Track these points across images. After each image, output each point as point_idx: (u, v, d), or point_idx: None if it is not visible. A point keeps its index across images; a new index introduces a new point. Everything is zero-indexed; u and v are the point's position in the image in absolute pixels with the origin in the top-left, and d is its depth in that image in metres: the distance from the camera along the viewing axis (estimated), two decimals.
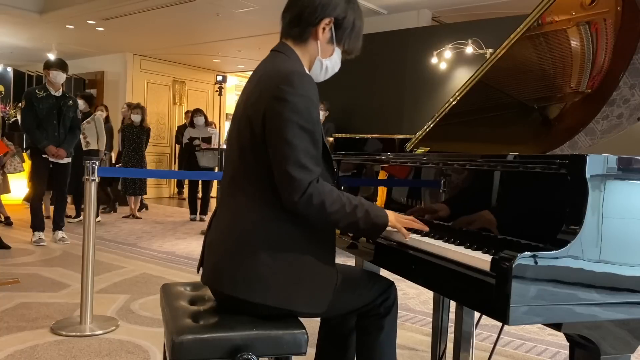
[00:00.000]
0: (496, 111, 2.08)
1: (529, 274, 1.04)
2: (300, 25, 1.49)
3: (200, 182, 7.55)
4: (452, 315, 1.87)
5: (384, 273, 1.75)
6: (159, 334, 2.73)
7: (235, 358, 1.32)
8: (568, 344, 1.23)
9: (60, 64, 5.16)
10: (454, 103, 1.97)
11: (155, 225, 6.81)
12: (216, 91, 6.65)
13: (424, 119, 2.61)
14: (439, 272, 1.30)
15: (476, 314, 1.79)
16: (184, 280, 2.56)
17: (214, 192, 7.21)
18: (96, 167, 2.78)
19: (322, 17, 1.48)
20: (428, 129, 2.09)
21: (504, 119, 2.11)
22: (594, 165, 1.10)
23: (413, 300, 3.60)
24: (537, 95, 2.03)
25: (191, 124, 7.65)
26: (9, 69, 10.93)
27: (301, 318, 1.47)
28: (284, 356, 1.40)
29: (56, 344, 2.59)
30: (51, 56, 8.02)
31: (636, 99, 1.92)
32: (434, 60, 6.03)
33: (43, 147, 4.96)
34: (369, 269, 1.96)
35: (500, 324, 2.65)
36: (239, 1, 6.68)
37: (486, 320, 2.72)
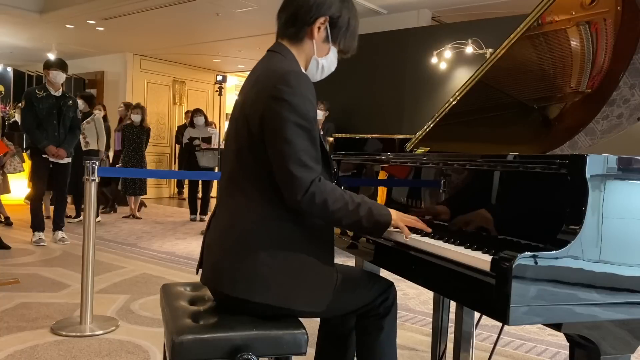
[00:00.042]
0: (496, 111, 2.08)
1: (529, 274, 1.04)
2: (296, 25, 1.50)
3: (200, 182, 7.56)
4: (452, 315, 1.87)
5: (384, 273, 1.75)
6: (159, 334, 2.73)
7: (235, 358, 1.32)
8: (568, 344, 1.23)
9: (60, 64, 5.16)
10: (454, 103, 1.97)
11: (155, 225, 6.81)
12: (216, 91, 6.65)
13: (424, 119, 2.61)
14: (439, 272, 1.30)
15: (476, 314, 1.79)
16: (184, 281, 2.56)
17: (214, 192, 7.21)
18: (96, 167, 2.79)
19: (317, 16, 1.48)
20: (428, 129, 2.09)
21: (504, 119, 2.11)
22: (594, 165, 1.10)
23: (413, 300, 3.60)
24: (537, 95, 2.03)
25: (191, 124, 7.65)
26: (9, 69, 10.93)
27: (301, 318, 1.47)
28: (284, 356, 1.40)
29: (56, 344, 2.59)
30: (51, 56, 8.02)
31: (636, 99, 1.92)
32: (434, 60, 6.03)
33: (43, 147, 4.96)
34: (369, 269, 1.96)
35: (500, 324, 2.65)
36: (239, 1, 6.68)
37: (486, 320, 2.72)
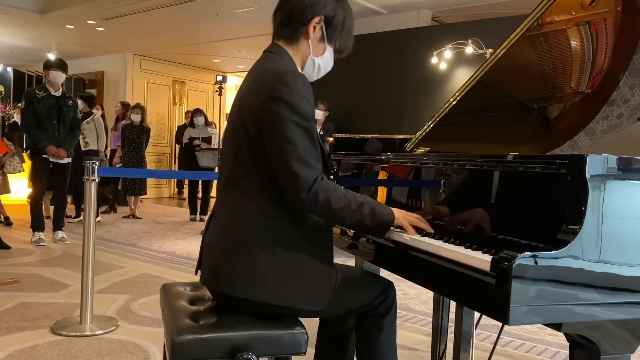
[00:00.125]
0: (496, 111, 2.08)
1: (529, 274, 1.04)
2: (291, 25, 1.51)
3: (200, 182, 7.56)
4: (452, 315, 1.86)
5: (384, 273, 1.75)
6: (159, 334, 2.73)
7: (235, 358, 1.32)
8: (568, 344, 1.23)
9: (59, 64, 5.16)
10: (454, 103, 1.97)
11: (155, 225, 6.81)
12: (216, 91, 6.65)
13: (424, 119, 2.60)
14: (439, 272, 1.30)
15: (476, 314, 1.79)
16: (184, 280, 2.56)
17: (214, 192, 7.17)
18: (96, 167, 2.79)
19: (312, 16, 1.49)
20: (428, 129, 2.09)
21: (504, 119, 2.11)
22: (594, 165, 1.10)
23: (413, 300, 3.60)
24: (537, 95, 2.03)
25: (191, 124, 7.65)
26: (9, 69, 10.93)
27: (301, 318, 1.47)
28: (284, 356, 1.40)
29: (56, 344, 2.59)
30: (51, 56, 8.02)
31: (636, 99, 1.92)
32: (434, 60, 6.03)
33: (43, 147, 4.96)
34: (369, 269, 1.96)
35: (500, 324, 2.65)
36: (239, 1, 6.68)
37: (486, 320, 2.72)
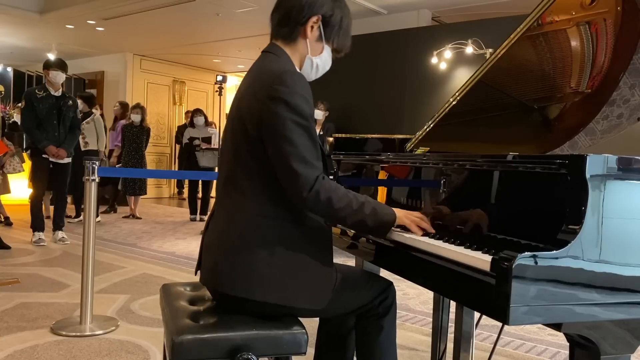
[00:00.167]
0: (496, 111, 2.07)
1: (529, 274, 1.04)
2: (289, 25, 1.51)
3: (200, 182, 7.56)
4: (452, 315, 1.87)
5: (384, 273, 1.75)
6: (159, 334, 2.73)
7: (235, 358, 1.32)
8: (568, 344, 1.23)
9: (59, 64, 5.16)
10: (454, 103, 1.97)
11: (155, 225, 6.81)
12: (216, 91, 6.65)
13: (424, 119, 2.60)
14: (439, 272, 1.30)
15: (476, 314, 1.79)
16: (184, 280, 2.56)
17: (213, 192, 7.19)
18: (96, 167, 2.79)
19: (310, 16, 1.49)
20: (428, 129, 2.09)
21: (504, 119, 2.11)
22: (594, 165, 1.10)
23: (413, 300, 3.60)
24: (537, 96, 2.02)
25: (191, 124, 7.65)
26: (9, 69, 10.93)
27: (301, 318, 1.47)
28: (284, 356, 1.40)
29: (56, 344, 2.59)
30: (51, 56, 8.02)
31: (636, 99, 1.92)
32: (434, 60, 6.03)
33: (43, 147, 4.96)
34: (369, 269, 1.96)
35: (500, 324, 2.65)
36: (239, 1, 6.68)
37: (486, 320, 2.72)
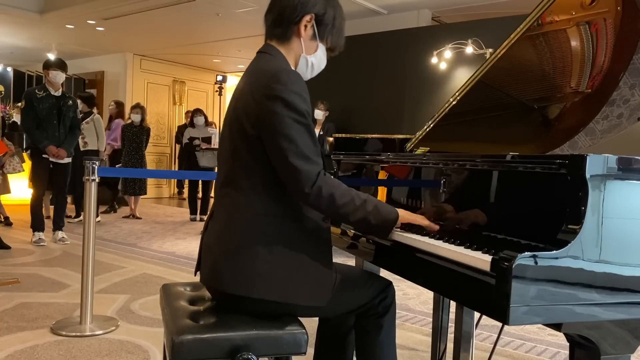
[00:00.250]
0: (496, 111, 2.07)
1: (529, 274, 1.04)
2: (283, 25, 1.52)
3: (200, 182, 7.56)
4: (452, 315, 1.87)
5: (384, 273, 1.75)
6: (159, 334, 2.73)
7: (235, 358, 1.32)
8: (568, 344, 1.23)
9: (59, 64, 5.16)
10: (454, 103, 1.97)
11: (155, 225, 6.81)
12: (216, 91, 6.68)
13: (424, 119, 2.60)
14: (439, 272, 1.30)
15: (476, 314, 1.79)
16: (184, 280, 2.56)
17: (214, 192, 7.19)
18: (96, 167, 2.79)
19: (303, 15, 1.50)
20: (428, 129, 2.09)
21: (504, 119, 2.11)
22: (594, 165, 1.10)
23: (413, 300, 3.60)
24: (537, 95, 2.02)
25: (191, 124, 7.65)
26: (9, 69, 10.93)
27: (301, 318, 1.47)
28: (284, 356, 1.40)
29: (56, 344, 2.59)
30: (51, 56, 8.01)
31: (636, 99, 1.92)
32: (434, 60, 6.03)
33: (43, 147, 4.96)
34: (368, 269, 1.96)
35: (500, 324, 2.65)
36: (239, 1, 6.68)
37: (486, 320, 2.72)
